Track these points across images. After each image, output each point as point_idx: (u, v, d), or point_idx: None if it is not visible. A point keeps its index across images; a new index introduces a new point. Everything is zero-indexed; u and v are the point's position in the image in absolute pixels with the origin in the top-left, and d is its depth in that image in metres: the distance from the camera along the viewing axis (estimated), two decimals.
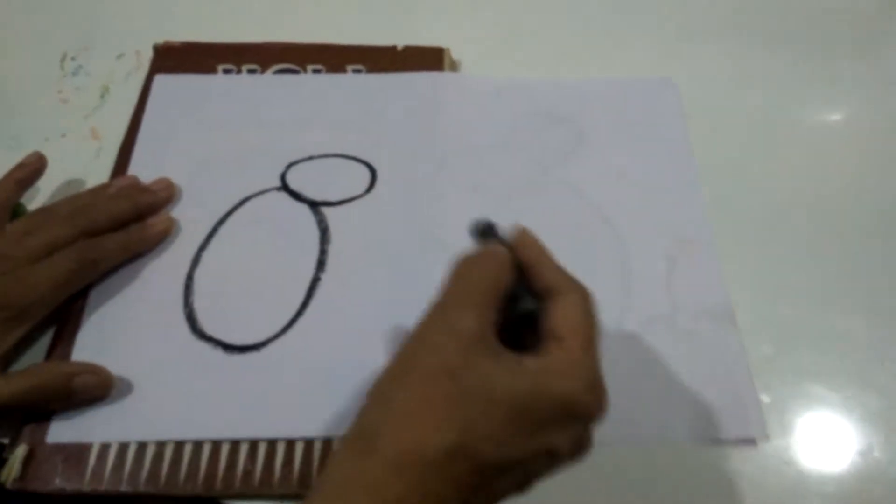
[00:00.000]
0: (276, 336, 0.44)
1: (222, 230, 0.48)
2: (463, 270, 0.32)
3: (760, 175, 0.52)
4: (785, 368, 0.44)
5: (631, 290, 0.46)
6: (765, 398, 0.42)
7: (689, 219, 0.49)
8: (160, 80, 0.55)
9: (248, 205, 0.49)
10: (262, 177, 0.50)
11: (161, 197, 0.48)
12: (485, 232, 0.35)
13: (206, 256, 0.47)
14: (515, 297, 0.32)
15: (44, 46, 0.59)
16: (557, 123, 0.53)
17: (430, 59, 0.55)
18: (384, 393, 0.30)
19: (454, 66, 0.56)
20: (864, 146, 0.53)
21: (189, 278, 0.46)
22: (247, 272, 0.46)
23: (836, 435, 0.42)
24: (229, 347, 0.43)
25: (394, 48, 0.56)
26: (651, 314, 0.45)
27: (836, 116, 0.55)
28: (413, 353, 0.30)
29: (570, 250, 0.44)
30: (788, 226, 0.49)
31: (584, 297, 0.32)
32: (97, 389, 0.41)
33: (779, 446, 0.41)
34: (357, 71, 0.55)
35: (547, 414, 0.29)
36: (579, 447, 0.31)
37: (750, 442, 0.41)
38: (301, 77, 0.55)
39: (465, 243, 0.44)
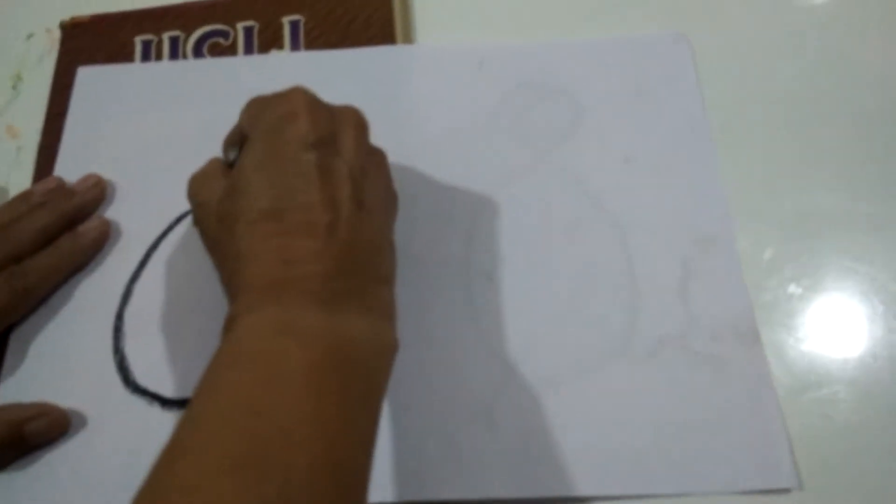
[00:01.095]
0: None
1: (156, 256, 0.41)
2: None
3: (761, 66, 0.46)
4: (817, 309, 0.39)
5: (640, 302, 0.39)
6: (798, 345, 0.38)
7: (707, 211, 0.41)
8: (84, 73, 0.48)
9: (187, 222, 0.42)
10: None
11: (90, 197, 0.43)
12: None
13: (139, 290, 0.41)
14: None
15: None
16: (552, 96, 0.45)
17: None
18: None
19: (405, 4, 0.49)
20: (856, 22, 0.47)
21: (119, 318, 0.40)
22: (187, 308, 0.40)
23: (882, 380, 0.37)
24: (168, 402, 0.37)
25: None
26: (663, 333, 0.38)
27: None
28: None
29: (567, 254, 0.40)
30: (802, 142, 0.44)
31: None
32: (52, 432, 0.37)
33: (817, 398, 0.37)
34: (294, 22, 0.48)
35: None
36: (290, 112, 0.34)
37: (780, 492, 0.35)
38: (240, 60, 0.48)
39: (441, 256, 0.40)
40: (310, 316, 0.29)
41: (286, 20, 0.49)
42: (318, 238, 0.31)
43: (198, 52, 0.48)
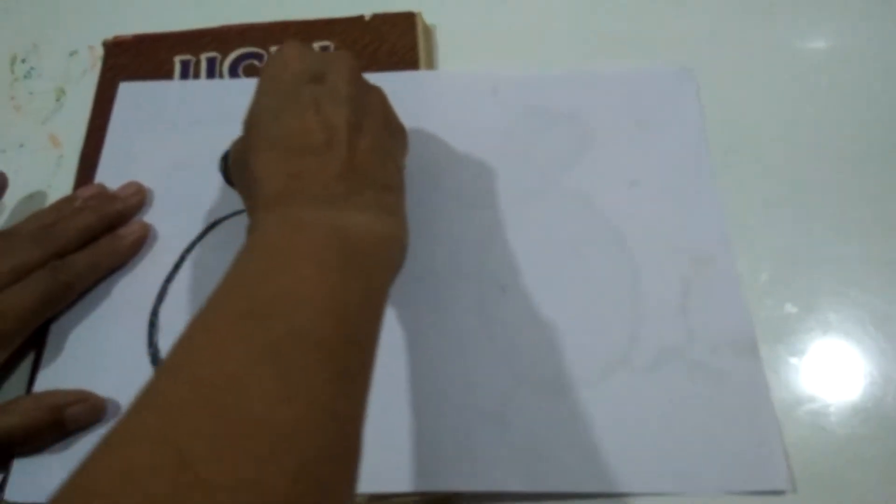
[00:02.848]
0: None
1: (190, 259, 0.44)
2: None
3: (760, 115, 0.48)
4: (811, 327, 0.41)
5: (642, 316, 0.41)
6: (793, 360, 0.40)
7: (706, 233, 0.43)
8: (125, 87, 0.51)
9: (219, 229, 0.45)
10: (233, 196, 0.45)
11: (131, 203, 0.45)
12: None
13: (173, 289, 0.43)
14: None
15: None
16: (562, 122, 0.48)
17: (401, 26, 0.52)
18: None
19: (428, 33, 0.53)
20: (853, 72, 0.50)
21: (154, 314, 0.42)
22: None
23: (872, 394, 0.39)
24: None
25: (361, 18, 0.52)
26: (664, 345, 0.40)
27: (825, 43, 0.52)
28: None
29: (575, 269, 0.43)
30: (798, 171, 0.46)
31: None
32: (90, 418, 0.39)
33: (811, 411, 0.39)
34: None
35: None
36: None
37: (775, 494, 0.37)
38: None
39: (457, 269, 0.43)
40: (312, 211, 0.33)
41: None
42: (318, 155, 0.34)
43: (233, 73, 0.51)
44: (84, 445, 0.38)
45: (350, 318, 0.30)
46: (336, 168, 0.34)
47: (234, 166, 0.39)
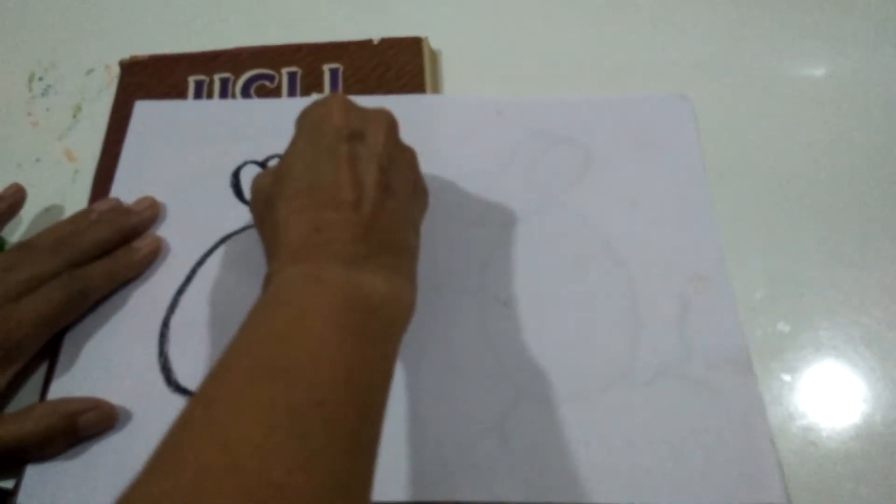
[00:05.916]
0: None
1: (201, 271, 0.45)
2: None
3: (754, 139, 0.50)
4: (803, 345, 0.42)
5: (640, 332, 0.42)
6: (786, 377, 0.41)
7: (703, 253, 0.45)
8: (141, 106, 0.52)
9: (230, 243, 0.46)
10: (243, 211, 0.47)
11: (145, 217, 0.47)
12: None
13: (185, 301, 0.44)
14: None
15: (8, 67, 0.57)
16: (563, 144, 0.50)
17: (408, 50, 0.53)
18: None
19: (434, 57, 0.54)
20: (848, 100, 0.52)
21: (165, 325, 0.43)
22: (226, 319, 0.43)
23: (861, 410, 0.40)
24: None
25: (370, 42, 0.54)
26: (662, 361, 0.41)
27: (819, 71, 0.53)
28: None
29: (575, 286, 0.45)
30: (792, 194, 0.48)
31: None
32: (102, 425, 0.40)
33: (803, 426, 0.40)
34: (334, 70, 0.53)
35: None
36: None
37: None
38: (284, 101, 0.52)
39: (459, 285, 0.44)
40: (333, 271, 0.33)
41: (326, 67, 0.53)
42: (344, 212, 0.35)
43: (245, 93, 0.53)
44: (95, 453, 0.39)
45: (365, 387, 0.30)
46: (360, 228, 0.35)
47: (256, 205, 0.40)
